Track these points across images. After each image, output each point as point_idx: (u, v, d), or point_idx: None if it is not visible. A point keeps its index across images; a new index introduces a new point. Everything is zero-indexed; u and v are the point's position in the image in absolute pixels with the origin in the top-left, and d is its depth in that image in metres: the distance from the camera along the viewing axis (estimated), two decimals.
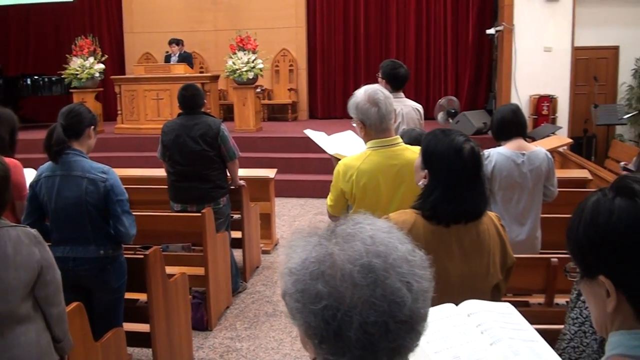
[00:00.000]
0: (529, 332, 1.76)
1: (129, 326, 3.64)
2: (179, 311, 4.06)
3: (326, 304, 0.94)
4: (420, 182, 2.36)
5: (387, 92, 3.07)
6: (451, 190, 2.23)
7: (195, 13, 12.74)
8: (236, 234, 5.58)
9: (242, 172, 5.61)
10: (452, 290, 2.17)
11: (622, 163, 4.70)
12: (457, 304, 1.91)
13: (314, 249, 1.00)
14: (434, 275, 1.02)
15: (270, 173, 6.58)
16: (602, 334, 1.16)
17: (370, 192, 2.95)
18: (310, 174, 9.09)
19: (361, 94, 3.02)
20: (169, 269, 4.02)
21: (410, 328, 0.97)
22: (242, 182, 5.48)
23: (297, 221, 7.82)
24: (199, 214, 4.57)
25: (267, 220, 6.52)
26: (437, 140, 2.30)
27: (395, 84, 4.61)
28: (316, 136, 4.11)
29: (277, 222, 7.25)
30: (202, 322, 4.70)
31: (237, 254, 5.60)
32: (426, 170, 2.31)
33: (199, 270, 4.61)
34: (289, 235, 1.06)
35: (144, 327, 3.74)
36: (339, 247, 0.99)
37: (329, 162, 3.15)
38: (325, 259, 0.98)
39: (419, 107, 4.79)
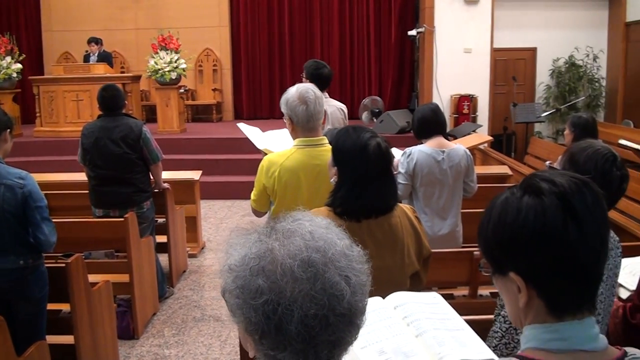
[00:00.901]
0: (455, 322, 1.79)
1: (52, 339, 3.50)
2: (103, 321, 3.94)
3: (267, 299, 0.95)
4: (332, 179, 2.40)
5: (319, 93, 3.09)
6: (358, 186, 2.27)
7: (115, 11, 12.39)
8: (161, 239, 5.47)
9: (166, 174, 5.50)
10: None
11: (548, 162, 4.89)
12: (377, 296, 1.93)
13: (254, 245, 1.02)
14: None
15: (195, 175, 6.49)
16: (517, 326, 1.19)
17: (290, 189, 2.97)
18: (237, 175, 9.01)
19: (293, 91, 3.05)
20: (92, 277, 3.89)
21: (349, 321, 0.99)
22: (166, 185, 5.37)
23: (224, 223, 7.74)
24: (122, 219, 4.45)
25: (192, 223, 6.42)
26: (345, 138, 2.34)
27: (319, 84, 4.63)
28: (249, 131, 4.10)
29: (203, 225, 7.15)
30: (129, 331, 4.57)
31: (163, 258, 5.49)
32: (336, 167, 2.35)
33: (124, 278, 4.48)
34: (228, 234, 1.08)
35: (68, 339, 3.61)
36: (279, 242, 1.01)
37: (257, 162, 3.14)
38: (265, 254, 0.99)
39: (343, 107, 4.83)
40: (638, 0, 10.71)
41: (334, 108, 4.72)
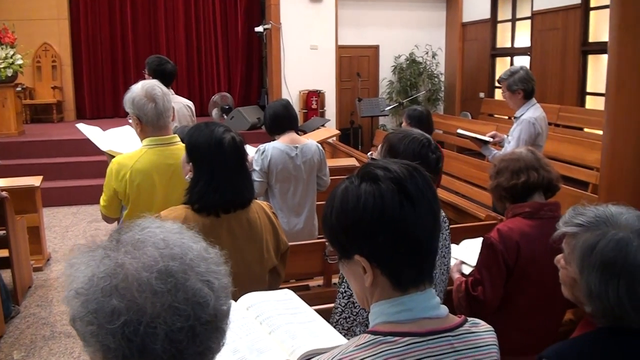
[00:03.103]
0: (306, 314, 1.84)
1: None
2: None
3: (125, 320, 0.87)
4: (187, 176, 2.38)
5: (165, 89, 3.00)
6: (215, 181, 2.28)
7: None
8: (2, 253, 5.06)
9: (3, 182, 5.09)
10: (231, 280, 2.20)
11: (369, 153, 5.13)
12: (235, 293, 1.93)
13: (101, 263, 0.92)
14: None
15: (35, 181, 6.04)
16: (364, 307, 1.26)
17: (144, 192, 2.87)
18: (82, 179, 8.52)
19: (138, 88, 2.92)
20: None
21: (215, 327, 0.95)
22: (3, 194, 4.96)
23: (70, 232, 7.30)
24: None
25: (36, 234, 5.97)
26: (198, 133, 2.34)
27: (163, 80, 4.50)
28: (90, 131, 3.87)
29: (47, 235, 6.68)
30: None
31: (6, 275, 5.06)
32: (191, 164, 2.34)
33: None
34: (67, 253, 0.95)
35: None
36: (130, 255, 0.92)
37: (104, 165, 2.98)
38: (116, 271, 0.90)
39: (190, 103, 4.74)
40: (472, 2, 11.61)
41: (180, 105, 4.63)
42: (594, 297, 1.54)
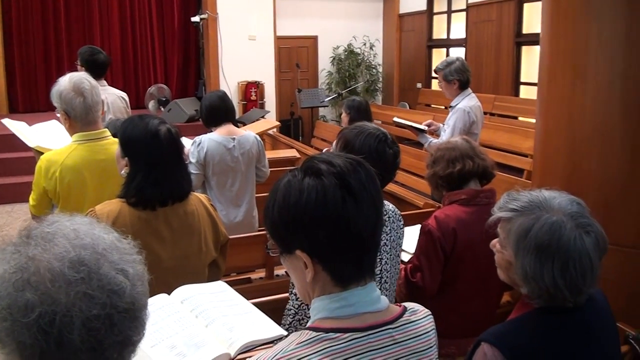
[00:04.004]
0: (242, 306, 1.83)
1: None
2: None
3: (40, 312, 0.85)
4: (123, 171, 2.32)
5: (94, 82, 2.90)
6: (153, 173, 2.23)
7: None
8: None
9: None
10: (167, 274, 2.18)
11: (325, 150, 5.14)
12: (174, 287, 1.90)
13: (11, 259, 0.91)
14: (146, 262, 1.00)
15: None
16: (307, 302, 1.25)
17: (75, 189, 2.77)
18: (16, 175, 8.17)
19: (65, 82, 2.81)
20: None
21: (133, 316, 0.93)
22: None
23: (4, 231, 6.99)
24: None
25: None
26: (133, 127, 2.29)
27: (96, 71, 4.38)
28: (16, 127, 3.72)
29: None
30: None
31: None
32: (127, 158, 2.29)
33: None
34: None
35: None
36: (40, 248, 0.91)
37: (35, 161, 2.86)
38: (27, 264, 0.89)
39: (124, 95, 4.62)
40: None
41: (114, 96, 4.50)
42: (529, 279, 1.59)
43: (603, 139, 2.50)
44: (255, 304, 1.95)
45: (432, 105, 10.95)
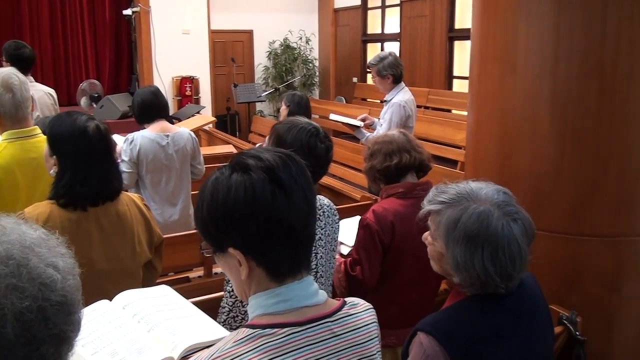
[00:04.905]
0: (186, 309, 1.80)
1: None
2: None
3: None
4: (52, 171, 2.26)
5: (23, 77, 2.82)
6: (82, 172, 2.18)
7: None
8: None
9: None
10: (100, 277, 2.12)
11: (257, 145, 5.11)
12: (108, 289, 1.86)
13: None
14: (78, 264, 0.98)
15: None
16: (244, 300, 1.23)
17: (7, 189, 2.68)
18: None
19: None
20: None
21: (67, 311, 0.91)
22: None
23: None
24: None
25: None
26: (60, 124, 2.23)
27: (21, 66, 4.21)
28: None
29: None
30: None
31: None
32: (55, 157, 2.23)
33: None
34: None
35: None
36: None
37: None
38: None
39: (52, 91, 4.48)
40: None
41: (41, 93, 4.36)
42: (460, 268, 1.62)
43: (532, 131, 2.56)
44: (195, 303, 1.93)
45: (368, 100, 11.06)
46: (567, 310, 2.41)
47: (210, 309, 2.03)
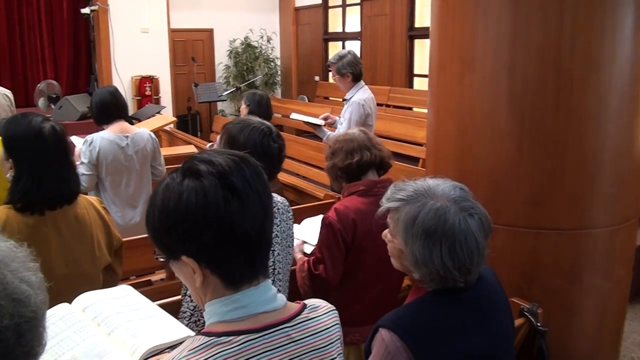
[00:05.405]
0: (147, 309, 1.77)
1: None
2: None
3: None
4: (8, 175, 2.22)
5: None
6: (38, 175, 2.14)
7: None
8: None
9: None
10: (60, 282, 2.07)
11: (208, 145, 5.09)
12: (67, 295, 1.82)
13: None
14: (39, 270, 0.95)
15: None
16: (201, 306, 1.21)
17: None
18: None
19: None
20: None
21: (37, 326, 0.89)
22: None
23: None
24: None
25: None
26: (15, 126, 2.19)
27: None
28: None
29: None
30: None
31: None
32: (11, 160, 2.18)
33: None
34: None
35: None
36: None
37: None
38: None
39: (8, 92, 4.39)
40: None
41: None
42: (420, 264, 1.64)
43: (491, 128, 2.60)
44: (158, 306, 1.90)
45: (331, 98, 11.08)
46: (528, 303, 2.46)
47: (174, 312, 2.00)
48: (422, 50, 9.35)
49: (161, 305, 1.90)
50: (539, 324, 2.40)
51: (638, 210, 2.83)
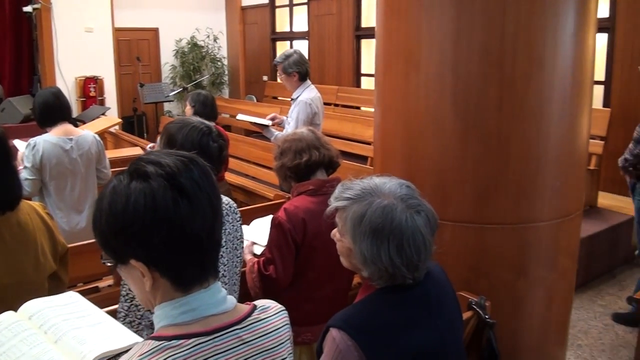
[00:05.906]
0: (95, 316, 1.74)
1: None
2: None
3: None
4: None
5: None
6: None
7: None
8: None
9: None
10: (4, 291, 2.03)
11: (149, 146, 5.03)
12: (12, 305, 1.77)
13: None
14: None
15: None
16: (150, 310, 1.19)
17: None
18: None
19: None
20: None
21: None
22: None
23: None
24: None
25: None
26: None
27: None
28: None
29: None
30: None
31: None
32: None
33: None
34: None
35: None
36: None
37: None
38: None
39: None
40: None
41: None
42: (368, 262, 1.66)
43: (436, 126, 2.65)
44: (106, 313, 1.87)
45: (279, 98, 11.06)
46: (476, 296, 2.52)
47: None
48: (369, 50, 9.43)
49: (109, 312, 1.88)
50: (487, 317, 2.46)
51: (582, 203, 2.93)
